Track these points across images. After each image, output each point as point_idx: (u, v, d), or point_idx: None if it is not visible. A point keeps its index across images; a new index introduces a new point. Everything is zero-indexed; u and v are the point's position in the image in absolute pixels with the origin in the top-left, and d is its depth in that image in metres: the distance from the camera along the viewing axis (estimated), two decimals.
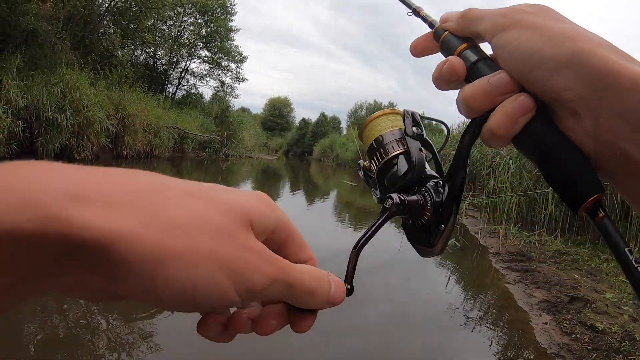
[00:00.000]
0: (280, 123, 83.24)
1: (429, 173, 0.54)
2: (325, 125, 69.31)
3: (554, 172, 0.41)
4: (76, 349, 3.21)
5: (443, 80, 0.48)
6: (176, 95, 35.95)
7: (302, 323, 0.43)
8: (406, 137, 0.56)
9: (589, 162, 0.40)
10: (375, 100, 68.62)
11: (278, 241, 0.41)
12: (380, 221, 0.49)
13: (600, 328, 4.15)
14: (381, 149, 0.56)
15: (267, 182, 20.60)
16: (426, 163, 0.56)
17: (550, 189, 5.84)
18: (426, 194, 0.52)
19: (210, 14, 34.59)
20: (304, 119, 75.17)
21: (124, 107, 19.59)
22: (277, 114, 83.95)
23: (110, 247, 0.26)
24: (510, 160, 10.63)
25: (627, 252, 0.38)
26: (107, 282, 0.29)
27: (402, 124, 0.57)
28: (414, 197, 0.51)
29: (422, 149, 0.57)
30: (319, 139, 59.96)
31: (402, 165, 0.55)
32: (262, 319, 0.42)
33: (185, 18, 34.31)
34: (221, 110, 35.15)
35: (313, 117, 79.89)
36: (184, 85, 37.09)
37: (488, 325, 4.43)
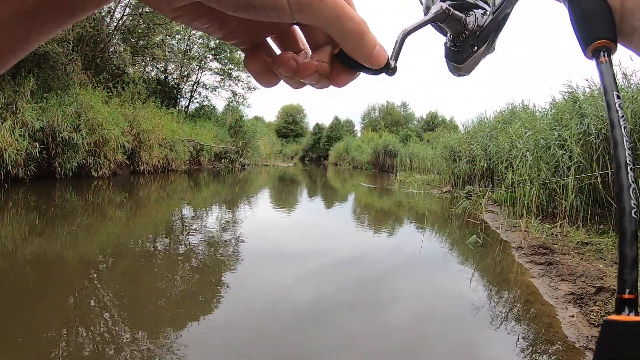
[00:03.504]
0: (295, 129, 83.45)
1: (479, 4, 0.57)
2: (340, 128, 69.38)
3: (579, 14, 0.44)
4: None
5: None
6: (189, 108, 36.15)
7: (341, 76, 0.45)
8: None
9: (610, 13, 0.42)
10: (387, 101, 68.58)
11: None
12: (426, 20, 0.52)
13: None
14: None
15: (285, 188, 20.63)
16: None
17: (570, 177, 5.80)
18: (471, 16, 0.55)
19: None
20: (317, 124, 75.33)
21: (138, 123, 19.76)
22: (290, 120, 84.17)
23: None
24: (527, 153, 10.54)
25: (615, 95, 0.40)
26: None
27: None
28: (460, 14, 0.54)
29: None
30: (333, 143, 60.09)
31: None
32: (306, 62, 0.43)
33: (194, 32, 34.50)
34: (235, 120, 35.34)
35: (327, 121, 80.00)
36: (196, 98, 37.28)
37: (514, 320, 4.40)
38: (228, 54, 36.65)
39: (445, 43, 0.59)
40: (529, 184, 9.93)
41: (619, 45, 0.43)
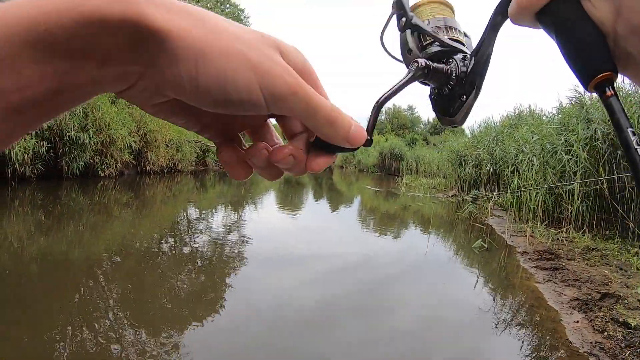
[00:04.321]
0: None
1: (458, 47, 0.56)
2: None
3: (572, 48, 0.43)
4: None
5: None
6: None
7: (318, 160, 0.46)
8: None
9: (605, 41, 0.41)
10: (394, 104, 68.51)
11: None
12: (403, 81, 0.51)
13: (632, 324, 4.08)
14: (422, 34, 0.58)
15: (291, 191, 20.63)
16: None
17: (576, 183, 5.78)
18: (452, 65, 0.54)
19: None
20: None
21: (145, 123, 19.80)
22: None
23: (169, 36, 0.34)
24: (534, 157, 10.51)
25: (630, 132, 0.39)
26: (161, 70, 0.35)
27: (446, 13, 0.59)
28: (440, 66, 0.53)
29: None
30: None
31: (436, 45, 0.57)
32: (279, 147, 0.46)
33: None
34: None
35: None
36: None
37: (519, 326, 4.38)
38: None
39: (431, 96, 0.58)
40: (535, 188, 9.90)
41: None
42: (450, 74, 0.53)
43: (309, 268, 6.20)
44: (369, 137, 0.46)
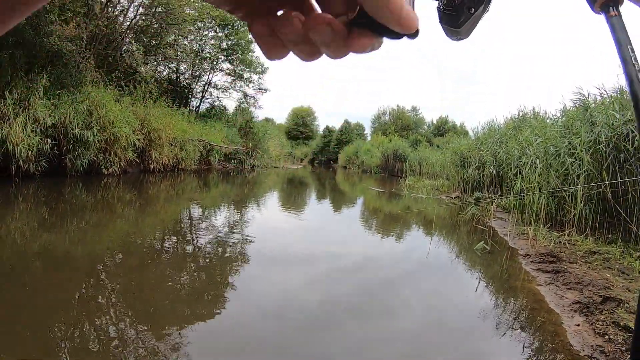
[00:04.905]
0: (305, 132, 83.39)
1: None
2: (350, 132, 69.35)
3: None
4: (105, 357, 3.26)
5: None
6: (200, 108, 36.25)
7: (361, 39, 0.39)
8: None
9: None
10: (398, 105, 68.47)
11: None
12: None
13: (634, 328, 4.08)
14: None
15: (294, 191, 20.64)
16: None
17: (579, 186, 5.76)
18: None
19: (230, 27, 34.89)
20: (327, 127, 75.34)
21: (149, 122, 19.87)
22: (300, 122, 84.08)
23: None
24: (537, 160, 10.50)
25: (629, 49, 0.39)
26: None
27: None
28: None
29: None
30: (343, 146, 60.05)
31: None
32: (316, 15, 0.38)
33: (206, 32, 34.64)
34: (245, 122, 35.42)
35: (337, 124, 79.98)
36: (207, 98, 37.36)
37: (520, 328, 4.38)
38: (240, 55, 36.78)
39: (439, 7, 0.56)
40: (538, 191, 9.89)
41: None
42: None
43: (311, 268, 6.21)
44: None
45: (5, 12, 0.31)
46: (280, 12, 0.41)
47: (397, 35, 0.38)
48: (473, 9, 0.52)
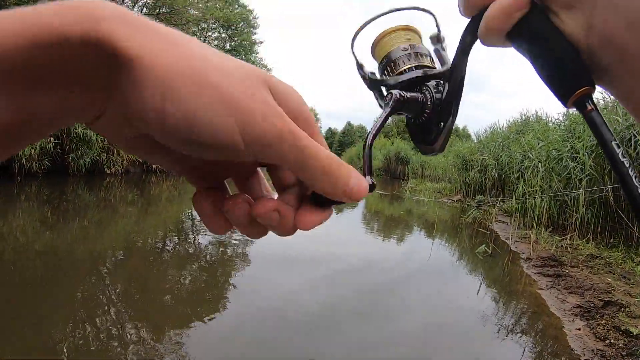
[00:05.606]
0: None
1: (429, 73, 0.53)
2: (352, 134, 69.31)
3: (546, 65, 0.42)
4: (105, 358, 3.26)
5: None
6: None
7: (310, 216, 0.40)
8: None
9: (579, 55, 0.40)
10: None
11: None
12: (384, 116, 0.49)
13: (634, 332, 4.08)
14: (391, 64, 0.56)
15: None
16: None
17: (581, 190, 5.74)
18: (427, 92, 0.52)
19: (233, 28, 34.98)
20: (330, 129, 75.32)
21: None
22: None
23: (137, 62, 0.29)
24: (540, 164, 10.49)
25: (615, 146, 0.38)
26: (127, 98, 0.30)
27: (410, 38, 0.56)
28: (415, 95, 0.51)
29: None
30: (345, 148, 60.02)
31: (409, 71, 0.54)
32: (263, 200, 0.39)
33: (210, 33, 34.76)
34: None
35: (339, 126, 79.95)
36: None
37: (521, 332, 4.38)
38: (244, 56, 36.86)
39: (407, 126, 0.57)
40: (540, 195, 9.88)
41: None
42: (425, 102, 0.52)
43: (312, 270, 6.20)
44: (370, 183, 0.42)
45: None
46: (226, 181, 0.43)
47: (343, 203, 0.39)
48: (442, 123, 0.51)
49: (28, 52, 0.27)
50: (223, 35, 35.44)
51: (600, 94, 10.45)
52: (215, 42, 35.36)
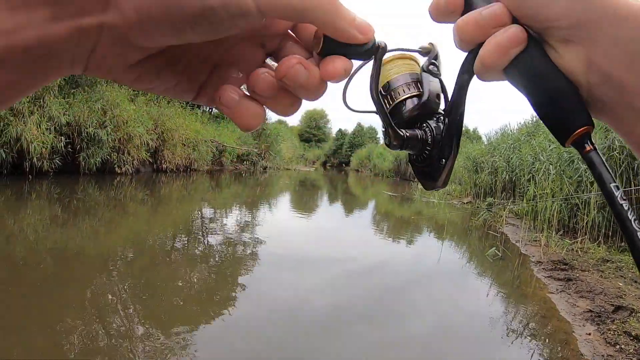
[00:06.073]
0: (317, 134, 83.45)
1: (429, 111, 0.53)
2: (362, 135, 69.17)
3: (544, 103, 0.41)
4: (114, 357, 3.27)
5: (440, 12, 0.46)
6: (214, 109, 36.39)
7: (331, 63, 0.39)
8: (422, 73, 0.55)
9: (578, 94, 0.39)
10: None
11: None
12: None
13: None
14: (391, 92, 0.55)
15: (306, 193, 20.65)
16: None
17: (592, 193, 5.72)
18: (427, 129, 0.52)
19: None
20: (340, 130, 75.22)
21: (162, 122, 20.01)
22: (313, 125, 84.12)
23: None
24: (551, 166, 10.43)
25: (613, 188, 0.38)
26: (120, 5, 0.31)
27: (411, 67, 0.55)
28: (415, 132, 0.52)
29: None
30: (356, 150, 59.95)
31: (410, 106, 0.54)
32: (283, 60, 0.39)
33: None
34: None
35: (350, 127, 79.91)
36: None
37: (530, 336, 4.35)
38: None
39: (410, 162, 0.57)
40: (550, 198, 9.82)
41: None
42: (426, 139, 0.52)
43: (322, 271, 6.20)
44: (384, 43, 0.43)
45: None
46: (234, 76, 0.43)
47: (363, 54, 0.41)
48: (444, 160, 0.51)
49: None
50: None
51: None
52: None
